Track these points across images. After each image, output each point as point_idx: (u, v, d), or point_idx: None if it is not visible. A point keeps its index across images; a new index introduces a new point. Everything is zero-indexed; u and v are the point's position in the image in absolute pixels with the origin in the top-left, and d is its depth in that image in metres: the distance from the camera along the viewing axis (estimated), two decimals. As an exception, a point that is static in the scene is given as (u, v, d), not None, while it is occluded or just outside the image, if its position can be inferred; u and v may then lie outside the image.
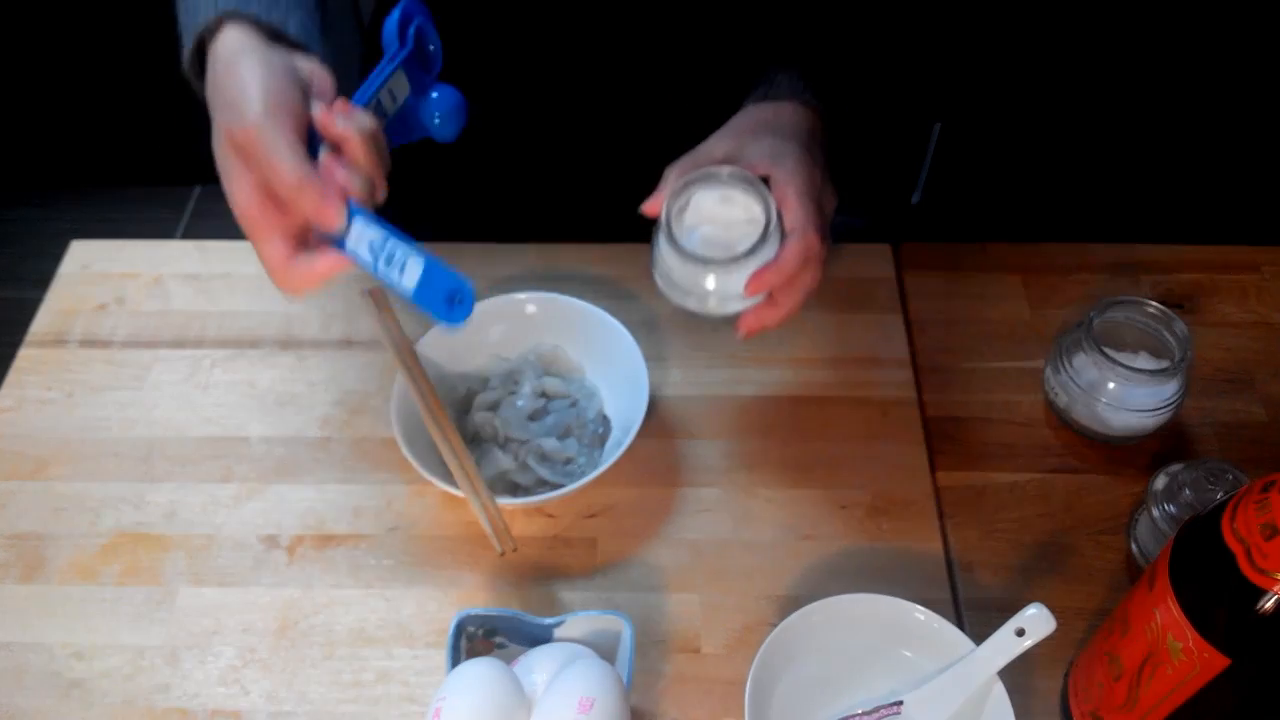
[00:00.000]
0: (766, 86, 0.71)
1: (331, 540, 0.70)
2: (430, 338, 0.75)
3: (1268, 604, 0.44)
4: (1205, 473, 0.64)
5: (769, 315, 0.64)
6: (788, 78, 0.71)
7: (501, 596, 0.67)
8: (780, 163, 0.64)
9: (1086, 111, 1.59)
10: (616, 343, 0.74)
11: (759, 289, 0.62)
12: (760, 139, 0.66)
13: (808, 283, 0.63)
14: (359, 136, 0.54)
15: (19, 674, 0.64)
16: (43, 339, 0.81)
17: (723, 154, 0.66)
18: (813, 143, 0.68)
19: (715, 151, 0.66)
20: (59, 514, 0.71)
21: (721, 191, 0.64)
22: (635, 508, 0.71)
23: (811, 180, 0.64)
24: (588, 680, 0.53)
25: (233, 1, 0.58)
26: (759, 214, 0.62)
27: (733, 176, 0.63)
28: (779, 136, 0.66)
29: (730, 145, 0.66)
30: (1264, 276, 0.84)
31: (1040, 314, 0.82)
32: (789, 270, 0.62)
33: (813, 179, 0.64)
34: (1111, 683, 0.54)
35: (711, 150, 0.66)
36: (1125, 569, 0.68)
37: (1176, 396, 0.70)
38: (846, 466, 0.73)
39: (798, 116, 0.69)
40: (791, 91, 0.70)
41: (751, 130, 0.67)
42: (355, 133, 0.54)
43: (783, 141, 0.66)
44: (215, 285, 0.85)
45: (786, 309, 0.64)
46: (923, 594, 0.62)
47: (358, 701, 0.63)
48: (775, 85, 0.70)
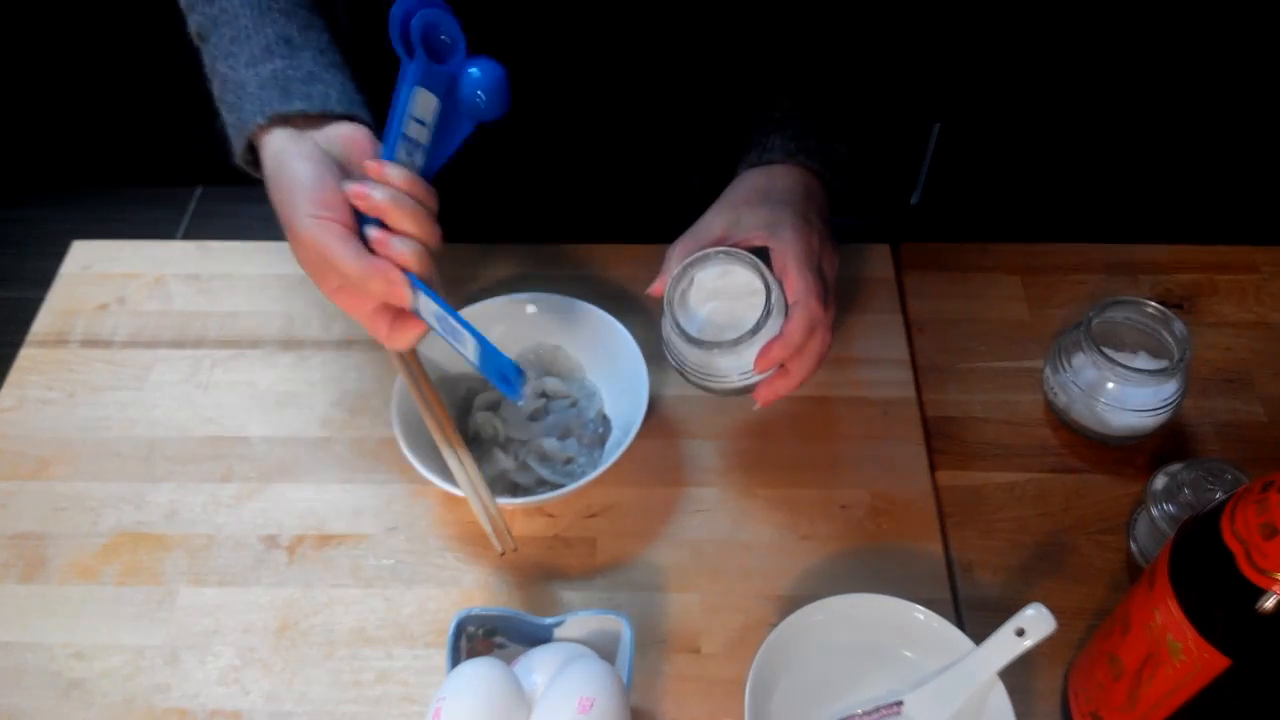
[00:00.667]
0: (760, 151, 0.71)
1: (331, 540, 0.70)
2: (431, 338, 0.75)
3: (1267, 604, 0.44)
4: (1204, 472, 0.64)
5: (782, 385, 0.65)
6: (780, 138, 0.71)
7: (501, 596, 0.67)
8: (777, 233, 0.64)
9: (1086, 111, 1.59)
10: (616, 343, 0.74)
11: (768, 365, 0.63)
12: (756, 209, 0.66)
13: (817, 349, 0.64)
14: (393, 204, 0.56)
15: (19, 674, 0.64)
16: (44, 339, 0.81)
17: (721, 228, 0.66)
18: (809, 207, 0.68)
19: (714, 226, 0.66)
20: (59, 514, 0.71)
21: (719, 269, 0.65)
22: (635, 508, 0.71)
23: (810, 247, 0.65)
24: (588, 680, 0.53)
25: (274, 104, 0.60)
26: (760, 287, 0.63)
27: (729, 256, 0.64)
28: (773, 204, 0.67)
29: (728, 218, 0.67)
30: (1263, 276, 0.84)
31: (1040, 314, 0.82)
32: (795, 342, 0.62)
33: (810, 245, 0.65)
34: (1112, 683, 0.54)
35: (710, 225, 0.67)
36: (1125, 569, 0.68)
37: (1176, 396, 0.70)
38: (846, 466, 0.73)
39: (791, 179, 0.69)
40: (785, 154, 0.70)
41: (746, 200, 0.68)
42: (390, 202, 0.56)
43: (778, 209, 0.66)
44: (216, 285, 0.85)
45: (800, 376, 0.65)
46: (923, 594, 0.62)
47: (358, 702, 0.63)
48: (768, 149, 0.71)
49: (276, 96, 0.61)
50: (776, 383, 0.65)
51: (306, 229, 0.56)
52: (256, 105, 0.61)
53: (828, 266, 0.66)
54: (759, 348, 0.63)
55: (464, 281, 0.84)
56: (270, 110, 0.60)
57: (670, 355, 0.67)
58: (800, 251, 0.64)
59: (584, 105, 0.87)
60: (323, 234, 0.56)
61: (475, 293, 0.82)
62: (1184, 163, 1.62)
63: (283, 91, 0.61)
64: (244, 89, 0.62)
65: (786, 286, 0.63)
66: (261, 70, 0.62)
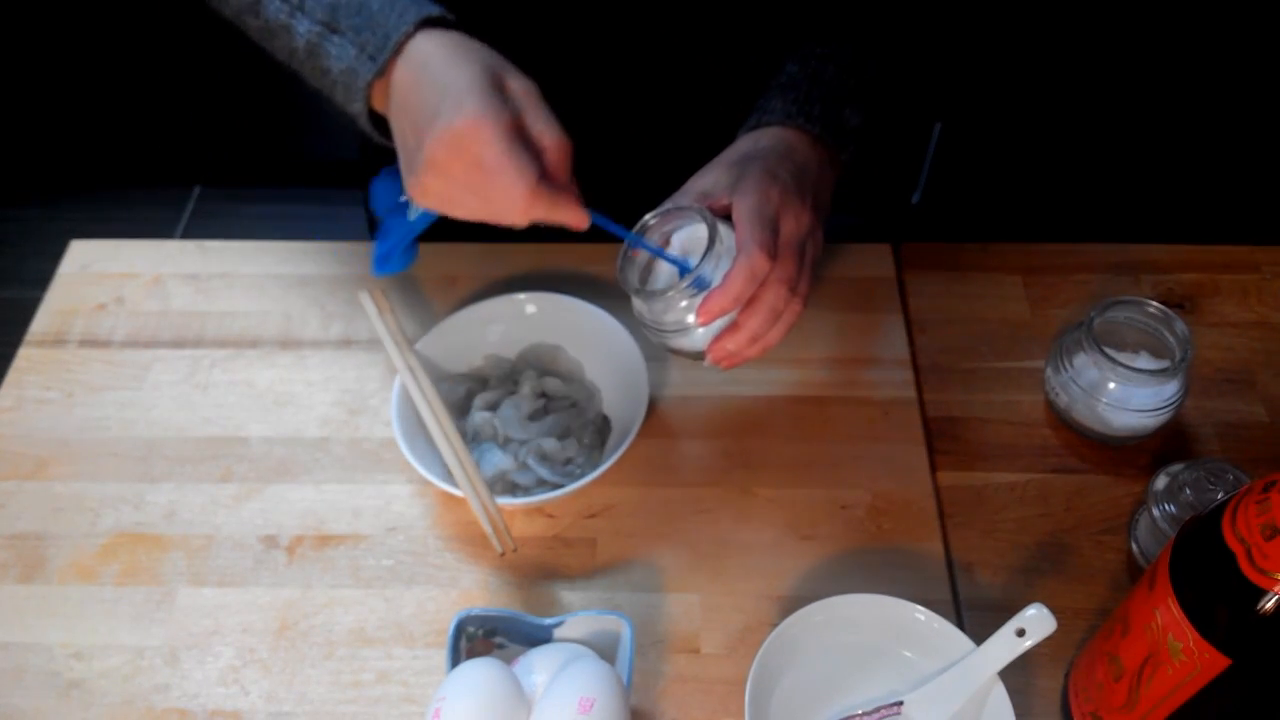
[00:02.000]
0: (759, 114, 0.70)
1: (331, 540, 0.70)
2: (430, 338, 0.75)
3: (1268, 604, 0.44)
4: (1206, 473, 0.64)
5: (730, 341, 0.63)
6: (782, 102, 0.69)
7: (501, 596, 0.67)
8: (737, 187, 0.63)
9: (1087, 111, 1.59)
10: (616, 343, 0.74)
11: (708, 316, 0.61)
12: (730, 169, 0.65)
13: (770, 302, 0.62)
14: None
15: (18, 674, 0.64)
16: (42, 339, 0.81)
17: (699, 190, 0.65)
18: (780, 163, 0.66)
19: (693, 189, 0.65)
20: (59, 514, 0.71)
21: (690, 229, 0.64)
22: (635, 508, 0.71)
23: (766, 199, 0.62)
24: (588, 680, 0.53)
25: (415, 11, 0.59)
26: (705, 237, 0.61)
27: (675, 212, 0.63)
28: (745, 162, 0.66)
29: (708, 180, 0.66)
30: (1264, 276, 0.84)
31: (1040, 314, 0.82)
32: (735, 291, 0.60)
33: (767, 197, 0.62)
34: (1112, 683, 0.54)
35: (690, 188, 0.66)
36: (1126, 569, 0.68)
37: (1177, 396, 0.70)
38: (846, 466, 0.73)
39: (775, 139, 0.68)
40: (784, 115, 0.69)
41: (727, 163, 0.67)
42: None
43: (747, 165, 0.65)
44: (215, 285, 0.85)
45: (750, 331, 0.62)
46: (923, 594, 0.62)
47: (357, 702, 0.63)
48: (768, 112, 0.69)
49: (411, 6, 0.59)
50: (725, 338, 0.63)
51: (529, 87, 0.57)
52: (395, 16, 0.59)
53: (789, 221, 0.63)
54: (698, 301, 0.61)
55: (464, 281, 0.84)
56: (414, 17, 0.58)
57: (637, 317, 0.66)
58: (753, 203, 0.61)
59: (585, 104, 0.87)
60: (541, 101, 0.57)
61: (475, 293, 0.82)
62: (1185, 163, 1.61)
63: (416, 3, 0.59)
64: (368, 7, 0.60)
65: (738, 236, 0.61)
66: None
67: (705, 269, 0.60)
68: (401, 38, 0.58)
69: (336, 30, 0.61)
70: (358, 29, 0.60)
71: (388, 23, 0.59)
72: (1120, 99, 1.57)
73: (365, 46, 0.60)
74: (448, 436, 0.68)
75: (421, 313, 0.82)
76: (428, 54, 0.58)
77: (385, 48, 0.59)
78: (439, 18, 0.59)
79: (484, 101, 0.55)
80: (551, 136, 0.57)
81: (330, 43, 0.61)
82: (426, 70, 0.58)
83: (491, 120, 0.55)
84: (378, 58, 0.59)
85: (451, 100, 0.55)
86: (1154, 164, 1.62)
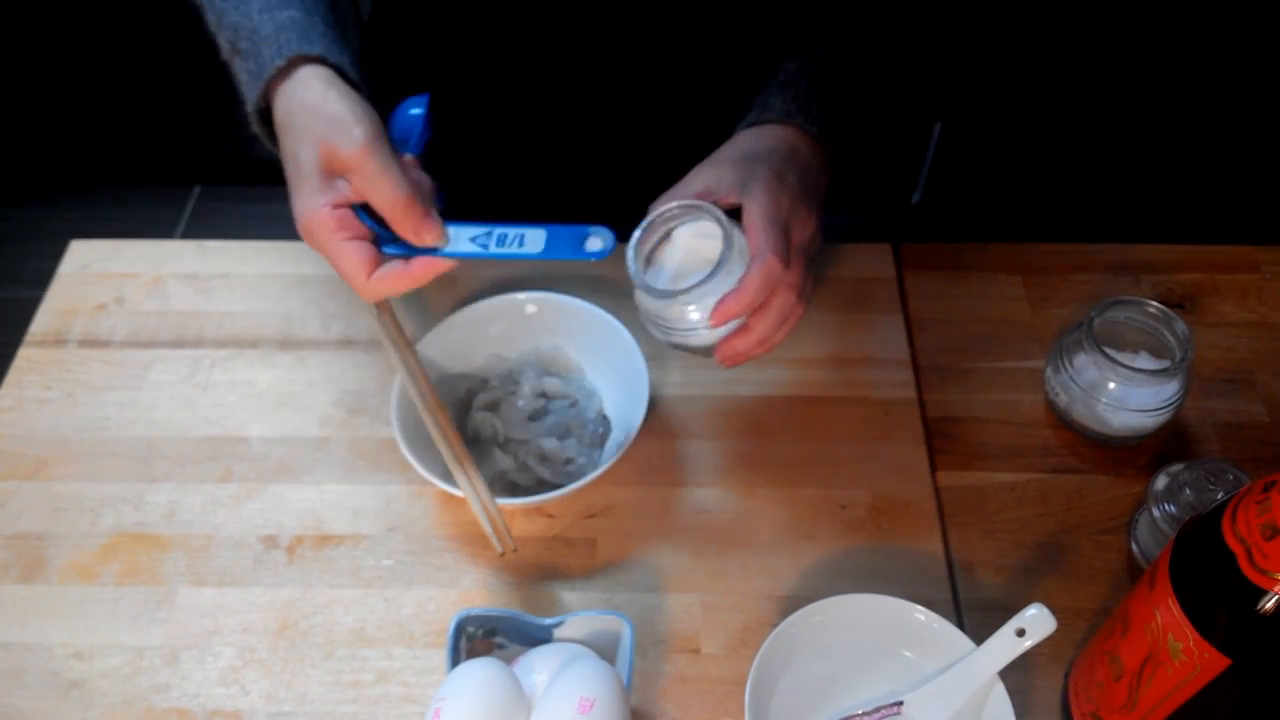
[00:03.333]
0: (759, 111, 0.70)
1: (331, 540, 0.70)
2: (430, 338, 0.75)
3: (1268, 604, 0.44)
4: (1206, 473, 0.64)
5: (740, 343, 0.63)
6: (780, 99, 0.70)
7: (501, 596, 0.67)
8: (748, 189, 0.63)
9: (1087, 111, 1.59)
10: (616, 343, 0.74)
11: (722, 318, 0.61)
12: (735, 167, 0.65)
13: (780, 307, 0.62)
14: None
15: (18, 674, 0.64)
16: (42, 339, 0.81)
17: (701, 185, 0.65)
18: (787, 166, 0.66)
19: (693, 184, 0.65)
20: (58, 514, 0.71)
21: (695, 225, 0.63)
22: (635, 508, 0.71)
23: (778, 204, 0.63)
24: (588, 680, 0.53)
25: (294, 46, 0.61)
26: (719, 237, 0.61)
27: (687, 208, 0.62)
28: (751, 162, 0.65)
29: (708, 176, 0.65)
30: (1264, 276, 0.84)
31: (1040, 314, 0.82)
32: (750, 295, 0.60)
33: (779, 202, 0.63)
34: (1112, 683, 0.54)
35: (690, 183, 0.65)
36: (1126, 569, 0.68)
37: (1177, 396, 0.70)
38: (846, 466, 0.73)
39: (777, 139, 0.68)
40: (783, 114, 0.69)
41: (729, 159, 0.66)
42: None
43: (754, 166, 0.65)
44: (215, 285, 0.85)
45: (759, 335, 0.63)
46: (923, 594, 0.62)
47: (357, 702, 0.63)
48: (767, 109, 0.69)
49: (296, 39, 0.61)
50: (735, 340, 0.63)
51: (367, 144, 0.58)
52: (274, 48, 0.61)
53: (798, 227, 0.64)
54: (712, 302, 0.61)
55: (464, 281, 0.84)
56: (290, 51, 0.60)
57: (641, 314, 0.65)
58: (766, 207, 0.62)
59: (584, 104, 0.87)
60: (383, 154, 0.58)
61: (475, 293, 0.82)
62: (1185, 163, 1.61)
63: (303, 36, 0.61)
64: (258, 33, 0.62)
65: (749, 241, 0.62)
66: (278, 16, 0.62)
67: (720, 273, 0.60)
68: (273, 74, 0.61)
69: (237, 52, 0.63)
70: (245, 55, 0.63)
71: (267, 53, 0.61)
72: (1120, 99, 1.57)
73: (251, 73, 0.62)
74: (448, 436, 0.68)
75: (421, 313, 0.82)
76: (290, 110, 0.61)
77: (261, 78, 0.61)
78: (316, 56, 0.61)
79: (308, 199, 0.59)
80: (382, 200, 0.59)
81: (235, 63, 0.64)
82: (283, 134, 0.61)
83: (315, 221, 0.59)
84: (257, 87, 0.62)
85: (294, 183, 0.60)
86: (1154, 164, 1.62)
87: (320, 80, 0.60)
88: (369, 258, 0.60)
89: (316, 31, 0.62)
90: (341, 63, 0.62)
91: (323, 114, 0.59)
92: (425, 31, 0.86)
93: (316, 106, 0.59)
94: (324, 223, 0.59)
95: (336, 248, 0.59)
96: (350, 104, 0.59)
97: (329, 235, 0.59)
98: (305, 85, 0.60)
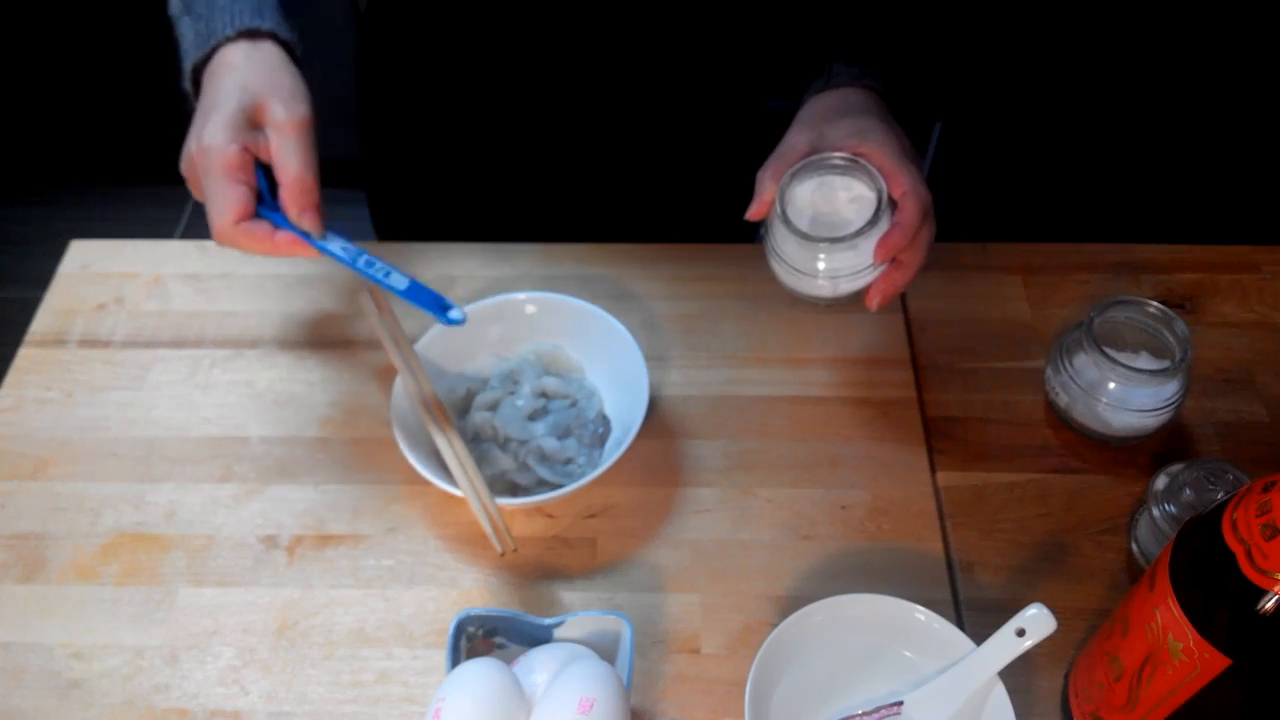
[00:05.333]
0: (825, 78, 0.71)
1: (331, 540, 0.70)
2: (430, 338, 0.75)
3: (1268, 604, 0.44)
4: (1206, 473, 0.64)
5: (899, 277, 0.64)
6: (845, 67, 0.71)
7: (501, 596, 0.67)
8: (867, 137, 0.65)
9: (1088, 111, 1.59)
10: (616, 343, 0.74)
11: (888, 254, 0.63)
12: (837, 123, 0.67)
13: (926, 238, 0.64)
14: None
15: (18, 674, 0.64)
16: (42, 339, 0.81)
17: (806, 144, 0.66)
18: (885, 114, 0.68)
19: (798, 144, 0.66)
20: (59, 514, 0.71)
21: (817, 180, 0.65)
22: (635, 508, 0.71)
23: (901, 144, 0.65)
24: (588, 680, 0.53)
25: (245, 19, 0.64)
26: (863, 190, 0.64)
27: (842, 160, 0.64)
28: (854, 115, 0.67)
29: (810, 135, 0.67)
30: (1264, 276, 0.84)
31: (1040, 314, 0.82)
32: (913, 227, 0.63)
33: (902, 143, 0.65)
34: (1112, 683, 0.54)
35: (795, 143, 0.66)
36: (1126, 569, 0.68)
37: (1177, 396, 0.70)
38: (846, 466, 0.73)
39: (860, 97, 0.69)
40: (851, 78, 0.70)
41: (825, 117, 0.68)
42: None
43: (861, 118, 0.67)
44: (214, 285, 0.85)
45: (914, 268, 0.65)
46: (923, 594, 0.62)
47: (357, 702, 0.63)
48: (834, 75, 0.71)
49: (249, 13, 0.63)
50: (894, 275, 0.64)
51: (296, 113, 0.61)
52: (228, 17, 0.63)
53: (916, 163, 0.67)
54: (873, 241, 0.63)
55: (464, 281, 0.84)
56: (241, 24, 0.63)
57: (776, 265, 0.66)
58: (896, 147, 0.64)
59: (585, 105, 0.87)
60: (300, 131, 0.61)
61: (475, 293, 0.82)
62: (1185, 163, 1.61)
63: (256, 11, 0.63)
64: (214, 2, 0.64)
65: (891, 181, 0.63)
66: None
67: (883, 216, 0.63)
68: (222, 39, 0.63)
69: (189, 12, 0.65)
70: (199, 16, 0.64)
71: (219, 20, 0.63)
72: (1120, 99, 1.57)
73: (200, 34, 0.64)
74: (448, 436, 0.68)
75: (422, 313, 0.82)
76: (229, 63, 0.63)
77: (209, 42, 0.63)
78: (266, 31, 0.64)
79: (220, 130, 0.60)
80: (288, 171, 0.61)
81: (183, 21, 0.66)
82: (216, 78, 0.63)
83: (217, 150, 0.60)
84: (201, 48, 0.64)
85: (202, 121, 0.61)
86: (1154, 164, 1.62)
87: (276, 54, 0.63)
88: (246, 205, 0.61)
89: (270, 5, 0.65)
90: (291, 40, 0.64)
91: (271, 77, 0.62)
92: (420, 25, 0.86)
93: (267, 70, 0.62)
94: (228, 158, 0.60)
95: (220, 183, 0.60)
96: (299, 82, 0.62)
97: (224, 170, 0.60)
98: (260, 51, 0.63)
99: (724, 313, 0.82)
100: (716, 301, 0.82)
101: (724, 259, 0.85)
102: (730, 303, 0.82)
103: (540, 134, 0.89)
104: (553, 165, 0.91)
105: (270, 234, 0.62)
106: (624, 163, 0.90)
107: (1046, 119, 1.61)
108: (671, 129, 0.89)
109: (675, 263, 0.84)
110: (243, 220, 0.61)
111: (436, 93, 0.89)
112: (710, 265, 0.85)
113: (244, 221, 0.61)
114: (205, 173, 0.61)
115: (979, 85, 1.52)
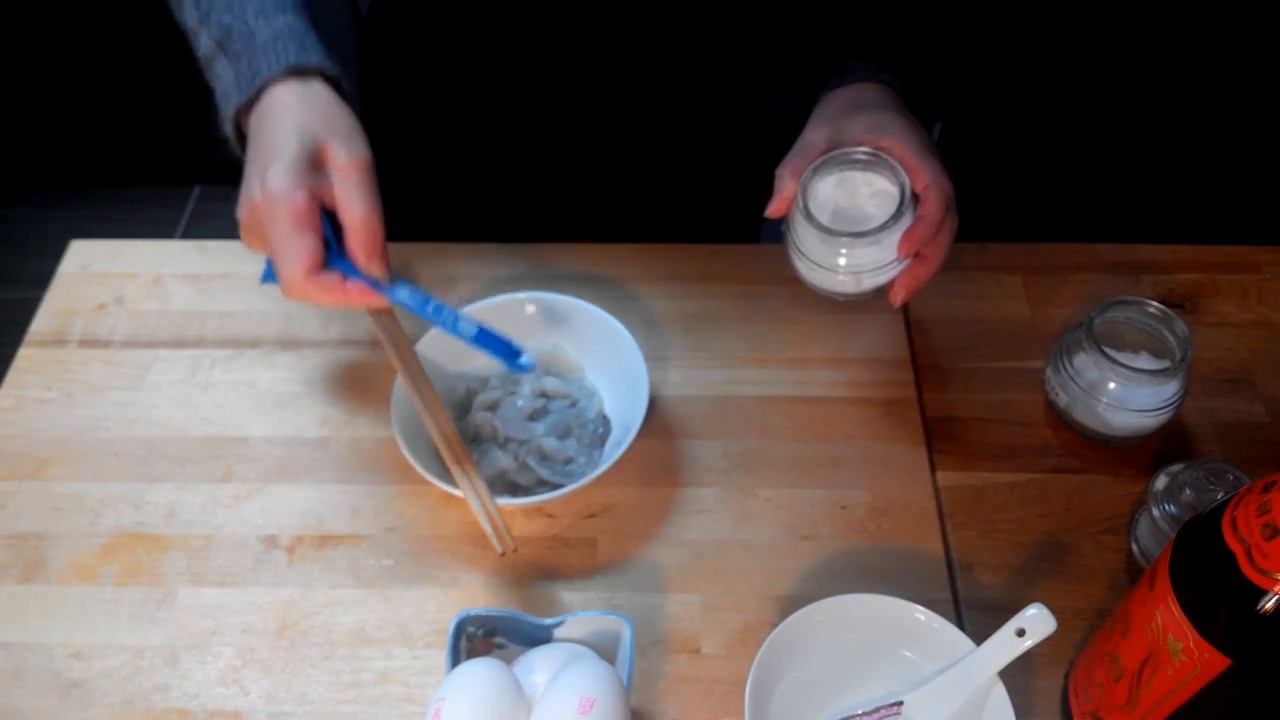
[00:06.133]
0: (840, 75, 0.71)
1: (331, 540, 0.70)
2: (430, 338, 0.75)
3: (1268, 604, 0.44)
4: (1206, 473, 0.64)
5: (923, 271, 0.64)
6: (862, 64, 0.71)
7: (501, 596, 0.67)
8: (887, 131, 0.65)
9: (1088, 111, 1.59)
10: (616, 343, 0.74)
11: (913, 248, 0.63)
12: (855, 117, 0.67)
13: (950, 230, 0.64)
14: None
15: (18, 674, 0.64)
16: (42, 339, 0.81)
17: (824, 140, 0.66)
18: (903, 108, 0.68)
19: (817, 140, 0.66)
20: (58, 514, 0.71)
21: (838, 175, 0.65)
22: (635, 508, 0.71)
23: (921, 137, 0.65)
24: (588, 680, 0.53)
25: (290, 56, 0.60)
26: (884, 185, 0.64)
27: (864, 154, 0.64)
28: (872, 109, 0.67)
29: (828, 130, 0.67)
30: (1264, 276, 0.84)
31: (1040, 314, 0.82)
32: (936, 220, 0.62)
33: (922, 137, 0.65)
34: (1112, 683, 0.54)
35: (813, 139, 0.66)
36: (1125, 569, 0.68)
37: (1177, 396, 0.70)
38: (846, 466, 0.73)
39: (876, 92, 0.69)
40: (868, 72, 0.70)
41: (843, 113, 0.68)
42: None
43: (879, 113, 0.66)
44: (215, 285, 0.85)
45: (937, 261, 0.64)
46: (923, 594, 0.62)
47: (357, 702, 0.63)
48: (850, 71, 0.71)
49: (293, 48, 0.60)
50: (918, 269, 0.64)
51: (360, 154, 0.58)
52: (272, 56, 0.60)
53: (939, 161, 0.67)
54: (895, 235, 0.63)
55: (464, 281, 0.84)
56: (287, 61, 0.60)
57: (798, 260, 0.66)
58: (917, 142, 0.64)
59: (585, 106, 0.87)
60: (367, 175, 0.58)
61: (475, 293, 0.82)
62: (1185, 163, 1.61)
63: (299, 45, 0.60)
64: (254, 39, 0.60)
65: (914, 174, 0.63)
66: (274, 22, 0.61)
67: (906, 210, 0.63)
68: (268, 79, 0.59)
69: (226, 52, 0.62)
70: (238, 56, 0.61)
71: (263, 59, 0.60)
72: (1120, 99, 1.57)
73: (241, 76, 0.61)
74: (447, 436, 0.68)
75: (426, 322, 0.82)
76: (281, 103, 0.59)
77: (254, 84, 0.60)
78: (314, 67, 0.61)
79: (285, 176, 0.56)
80: (354, 215, 0.57)
81: (219, 62, 0.62)
82: (270, 119, 0.59)
83: (283, 197, 0.56)
84: (245, 91, 0.60)
85: (262, 166, 0.57)
86: (1154, 164, 1.62)
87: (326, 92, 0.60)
88: (316, 255, 0.57)
89: (311, 39, 0.62)
90: (338, 76, 0.61)
91: (327, 116, 0.59)
92: (422, 27, 0.86)
93: (322, 109, 0.59)
94: (296, 206, 0.56)
95: (289, 232, 0.56)
96: (355, 120, 0.59)
97: (293, 218, 0.56)
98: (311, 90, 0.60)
99: (724, 313, 0.82)
100: (716, 301, 0.82)
101: (724, 259, 0.85)
102: (730, 303, 0.82)
103: (541, 134, 0.89)
104: (553, 165, 0.91)
105: (341, 284, 0.58)
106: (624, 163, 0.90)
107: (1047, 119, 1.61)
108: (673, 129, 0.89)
109: (675, 263, 0.84)
110: (314, 271, 0.57)
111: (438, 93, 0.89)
112: (710, 265, 0.85)
113: (315, 275, 0.57)
114: (273, 221, 0.56)
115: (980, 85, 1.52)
